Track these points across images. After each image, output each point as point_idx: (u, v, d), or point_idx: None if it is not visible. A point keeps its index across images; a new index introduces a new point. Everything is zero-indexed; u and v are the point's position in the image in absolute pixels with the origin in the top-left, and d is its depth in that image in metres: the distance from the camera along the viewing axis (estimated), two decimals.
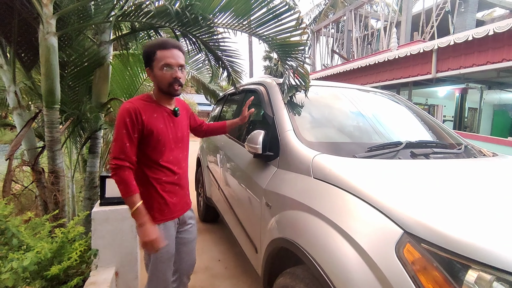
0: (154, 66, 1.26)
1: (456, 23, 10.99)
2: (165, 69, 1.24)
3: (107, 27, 2.52)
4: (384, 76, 8.18)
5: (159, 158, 1.31)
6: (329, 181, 1.19)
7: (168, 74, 1.25)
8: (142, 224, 1.22)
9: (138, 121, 1.23)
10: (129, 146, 1.22)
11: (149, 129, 1.25)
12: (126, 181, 1.20)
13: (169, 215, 1.35)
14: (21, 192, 2.49)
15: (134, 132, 1.23)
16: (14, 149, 2.28)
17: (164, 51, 1.24)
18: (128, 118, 1.21)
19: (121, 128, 1.21)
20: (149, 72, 1.30)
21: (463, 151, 1.68)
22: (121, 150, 1.21)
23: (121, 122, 1.22)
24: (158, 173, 1.32)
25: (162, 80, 1.26)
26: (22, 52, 2.46)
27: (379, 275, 0.85)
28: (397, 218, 0.89)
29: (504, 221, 0.85)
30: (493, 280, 0.69)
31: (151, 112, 1.28)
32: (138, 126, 1.23)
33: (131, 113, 1.22)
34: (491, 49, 5.60)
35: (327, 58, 17.12)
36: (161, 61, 1.24)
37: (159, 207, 1.32)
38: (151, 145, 1.28)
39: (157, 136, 1.28)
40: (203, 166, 3.37)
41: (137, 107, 1.24)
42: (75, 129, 2.73)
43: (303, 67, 2.15)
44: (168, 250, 1.36)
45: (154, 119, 1.28)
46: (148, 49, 1.27)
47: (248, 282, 2.29)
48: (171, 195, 1.36)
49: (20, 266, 1.26)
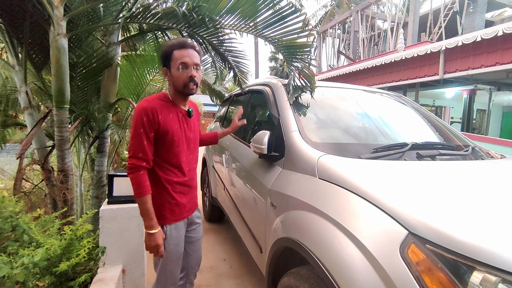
0: (172, 66, 1.28)
1: (464, 23, 10.86)
2: (180, 68, 1.26)
3: (115, 28, 2.56)
4: (391, 77, 8.12)
5: (172, 158, 1.32)
6: (334, 181, 1.20)
7: (184, 74, 1.27)
8: (148, 227, 1.25)
9: (155, 120, 1.24)
10: (146, 145, 1.24)
11: (165, 129, 1.27)
12: (139, 182, 1.22)
13: (179, 215, 1.37)
14: (31, 190, 2.54)
15: (151, 131, 1.24)
16: (25, 148, 2.33)
17: (181, 50, 1.27)
18: (146, 117, 1.23)
19: (138, 127, 1.23)
20: (166, 71, 1.32)
21: (470, 153, 1.66)
22: (139, 149, 1.23)
23: (138, 121, 1.23)
24: (170, 174, 1.33)
25: (178, 80, 1.28)
26: (34, 53, 2.51)
27: (383, 275, 0.85)
28: (402, 219, 0.89)
29: (509, 223, 0.85)
30: (498, 281, 0.69)
31: (167, 112, 1.29)
32: (154, 126, 1.25)
33: (149, 112, 1.23)
34: (500, 50, 5.52)
35: (333, 59, 17.05)
36: (178, 60, 1.26)
37: (170, 208, 1.34)
38: (165, 145, 1.30)
39: (172, 137, 1.29)
40: (208, 166, 3.40)
41: (155, 106, 1.26)
42: (84, 128, 2.77)
43: (309, 69, 2.15)
44: (178, 250, 1.39)
45: (170, 119, 1.29)
46: (166, 49, 1.29)
47: (252, 281, 2.30)
48: (181, 195, 1.37)
49: (31, 261, 1.29)
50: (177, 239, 1.37)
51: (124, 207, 1.79)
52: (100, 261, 1.75)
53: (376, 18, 14.61)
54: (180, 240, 1.39)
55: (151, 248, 1.27)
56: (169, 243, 1.34)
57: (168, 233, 1.34)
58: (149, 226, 1.24)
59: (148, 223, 1.24)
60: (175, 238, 1.36)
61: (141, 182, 1.22)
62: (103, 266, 1.75)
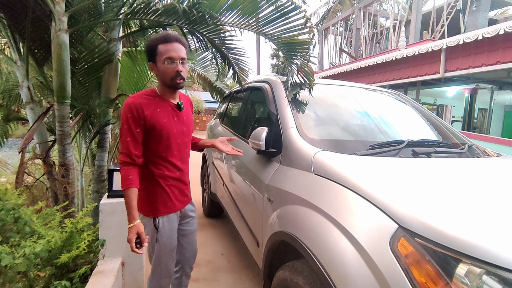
0: (157, 60, 1.27)
1: (467, 22, 10.78)
2: (166, 62, 1.25)
3: (116, 24, 2.58)
4: (392, 75, 8.10)
5: (163, 152, 1.34)
6: (329, 177, 1.22)
7: (170, 68, 1.26)
8: (129, 220, 1.25)
9: (140, 116, 1.25)
10: (130, 141, 1.25)
11: (152, 124, 1.28)
12: (123, 175, 1.25)
13: (172, 208, 1.40)
14: (33, 184, 2.58)
15: (136, 127, 1.25)
16: (27, 142, 2.37)
17: (166, 44, 1.25)
18: (130, 114, 1.24)
19: (123, 123, 1.26)
20: (153, 66, 1.31)
21: (466, 151, 1.68)
22: (124, 145, 1.26)
23: (123, 117, 1.26)
24: (162, 168, 1.35)
25: (165, 74, 1.28)
26: (35, 48, 2.54)
27: (374, 268, 0.88)
28: (393, 214, 0.91)
29: (496, 218, 0.87)
30: (482, 273, 0.71)
31: (154, 107, 1.30)
32: (140, 121, 1.26)
33: (132, 108, 1.25)
34: (502, 49, 5.50)
35: (335, 56, 17.00)
36: (163, 54, 1.25)
37: (162, 201, 1.36)
38: (155, 139, 1.31)
39: (160, 131, 1.30)
40: (208, 162, 3.42)
41: (139, 102, 1.27)
42: (85, 123, 2.80)
43: (308, 66, 2.17)
44: (171, 242, 1.41)
45: (157, 113, 1.30)
46: (150, 43, 1.28)
47: (250, 276, 2.33)
48: (174, 189, 1.39)
49: (33, 252, 1.33)
50: (170, 231, 1.39)
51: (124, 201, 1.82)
52: (100, 254, 1.79)
53: (379, 15, 14.54)
54: (173, 232, 1.41)
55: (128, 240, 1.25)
56: (162, 236, 1.36)
57: (161, 225, 1.36)
58: (128, 219, 1.25)
59: (129, 216, 1.25)
60: (167, 231, 1.38)
61: (125, 175, 1.25)
62: (103, 259, 1.78)
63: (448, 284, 0.74)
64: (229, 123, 3.08)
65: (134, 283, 1.91)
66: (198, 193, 4.13)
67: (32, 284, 1.45)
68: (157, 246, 1.37)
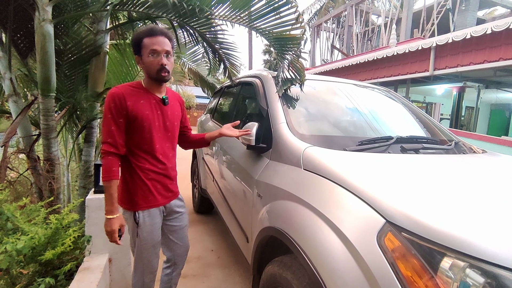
0: (143, 54, 1.28)
1: (456, 21, 10.97)
2: (150, 55, 1.27)
3: (104, 16, 2.51)
4: (382, 72, 8.18)
5: (144, 144, 1.33)
6: (318, 172, 1.22)
7: (155, 61, 1.27)
8: (107, 212, 1.26)
9: (122, 106, 1.26)
10: (115, 130, 1.26)
11: (133, 115, 1.28)
12: (106, 166, 1.25)
13: (153, 202, 1.37)
14: (16, 179, 2.51)
15: (119, 117, 1.26)
16: (10, 136, 2.29)
17: (151, 38, 1.27)
18: (113, 104, 1.26)
19: (107, 112, 1.26)
20: (138, 59, 1.32)
21: (453, 147, 1.71)
22: (108, 134, 1.26)
23: (106, 107, 1.26)
24: (142, 160, 1.34)
25: (150, 67, 1.29)
26: (18, 39, 2.44)
27: (361, 263, 0.88)
28: (380, 208, 0.92)
29: (480, 212, 0.88)
30: (466, 266, 0.72)
31: (137, 98, 1.31)
32: (122, 111, 1.26)
33: (115, 98, 1.26)
34: (489, 48, 5.61)
35: (327, 53, 17.05)
36: (148, 47, 1.27)
37: (143, 194, 1.35)
38: (137, 130, 1.31)
39: (142, 122, 1.30)
40: (198, 158, 3.39)
41: (122, 92, 1.28)
42: (71, 118, 2.73)
43: (299, 61, 2.16)
44: (153, 238, 1.39)
45: (140, 104, 1.30)
46: (136, 37, 1.29)
47: (239, 271, 2.34)
48: (155, 183, 1.38)
49: (14, 249, 1.29)
50: (151, 226, 1.37)
51: None
52: (86, 250, 1.75)
53: (371, 13, 14.62)
54: (154, 228, 1.39)
55: (107, 233, 1.27)
56: (143, 230, 1.35)
57: (141, 220, 1.34)
58: (108, 211, 1.26)
59: (108, 208, 1.26)
60: (148, 226, 1.36)
61: (108, 166, 1.25)
62: (89, 255, 1.75)
63: (433, 277, 0.75)
64: (219, 118, 3.05)
65: (122, 280, 1.88)
66: (188, 188, 4.11)
67: (15, 281, 1.41)
68: (137, 241, 1.36)
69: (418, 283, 0.76)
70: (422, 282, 0.76)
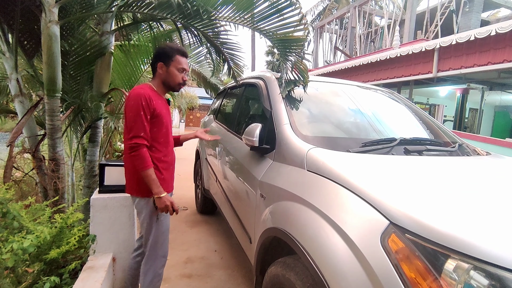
0: (171, 65, 1.53)
1: (460, 22, 10.92)
2: (179, 70, 1.55)
3: (109, 17, 2.53)
4: (386, 74, 8.17)
5: (161, 138, 1.54)
6: (321, 173, 1.22)
7: (180, 76, 1.57)
8: (157, 193, 1.44)
9: (150, 104, 1.45)
10: (147, 125, 1.45)
11: (158, 112, 1.49)
12: (144, 156, 1.41)
13: (167, 189, 1.57)
14: (21, 179, 2.53)
15: (148, 113, 1.45)
16: (15, 136, 2.31)
17: (183, 58, 1.56)
18: (144, 102, 1.43)
19: (139, 109, 1.42)
20: (162, 66, 1.54)
21: (457, 149, 1.70)
22: (141, 129, 1.42)
23: (138, 104, 1.42)
24: (158, 152, 1.53)
25: (174, 78, 1.56)
26: (24, 40, 2.47)
27: (365, 264, 0.88)
28: (384, 210, 0.92)
29: (484, 214, 0.88)
30: (470, 268, 0.72)
31: (157, 98, 1.52)
32: (151, 109, 1.46)
33: (146, 97, 1.44)
34: (493, 50, 5.58)
35: (330, 54, 17.04)
36: (180, 64, 1.54)
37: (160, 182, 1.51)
38: (158, 126, 1.52)
39: (162, 119, 1.53)
40: (201, 158, 3.40)
41: (149, 93, 1.47)
42: (76, 118, 2.75)
43: (302, 63, 2.16)
44: (167, 221, 1.60)
45: (159, 104, 1.53)
46: (170, 50, 1.54)
47: (242, 272, 2.34)
48: (166, 172, 1.59)
49: (20, 247, 1.30)
50: None
51: (115, 196, 1.80)
52: (90, 249, 1.77)
53: (374, 14, 14.60)
54: None
55: (163, 209, 1.46)
56: (161, 214, 1.52)
57: None
58: (158, 192, 1.44)
59: (157, 190, 1.44)
60: None
61: (145, 156, 1.42)
62: (94, 254, 1.76)
63: (437, 279, 0.75)
64: (223, 120, 3.07)
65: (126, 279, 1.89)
66: (191, 189, 4.12)
67: (20, 279, 1.42)
68: (156, 226, 1.53)
69: (422, 284, 0.76)
70: (426, 283, 0.76)
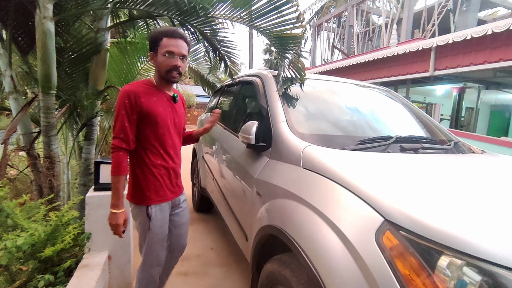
0: (158, 51, 1.32)
1: (457, 22, 10.96)
2: (166, 55, 1.31)
3: (104, 14, 2.51)
4: (383, 72, 8.19)
5: (156, 140, 1.37)
6: (317, 171, 1.22)
7: (168, 61, 1.32)
8: (112, 206, 1.30)
9: (137, 102, 1.30)
10: (128, 126, 1.30)
11: (148, 111, 1.32)
12: (117, 161, 1.29)
13: (164, 197, 1.42)
14: (16, 177, 2.51)
15: (133, 113, 1.30)
16: (10, 133, 2.29)
17: (170, 39, 1.31)
18: (127, 100, 1.29)
19: (121, 109, 1.29)
20: (153, 56, 1.36)
21: (452, 147, 1.71)
22: (120, 130, 1.29)
23: (121, 103, 1.30)
24: (155, 156, 1.38)
25: (162, 66, 1.33)
26: (19, 36, 2.44)
27: (359, 261, 0.89)
28: (379, 207, 0.92)
29: (478, 211, 0.89)
30: (463, 265, 0.72)
31: (150, 96, 1.35)
32: (136, 108, 1.30)
33: (130, 95, 1.30)
34: (489, 49, 5.61)
35: (328, 53, 17.05)
36: (165, 47, 1.31)
37: (155, 189, 1.39)
38: (151, 126, 1.35)
39: (155, 118, 1.35)
40: (198, 156, 3.40)
41: (136, 90, 1.32)
42: (71, 115, 2.73)
43: (299, 61, 2.16)
44: (162, 231, 1.44)
45: (153, 102, 1.35)
46: (155, 34, 1.34)
47: (239, 269, 2.34)
48: (166, 178, 1.43)
49: (14, 245, 1.29)
50: (161, 220, 1.41)
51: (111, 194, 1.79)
52: (85, 247, 1.76)
53: (371, 13, 14.61)
54: (164, 222, 1.43)
55: (112, 226, 1.31)
56: (155, 224, 1.38)
57: (153, 214, 1.37)
58: (114, 205, 1.30)
59: (115, 202, 1.30)
60: (159, 220, 1.40)
61: (118, 161, 1.29)
62: (89, 252, 1.75)
63: (431, 275, 0.75)
64: (219, 117, 3.05)
65: (121, 277, 1.89)
66: (188, 187, 4.11)
67: (14, 278, 1.42)
68: (149, 235, 1.39)
69: (416, 281, 0.76)
70: (419, 280, 0.76)
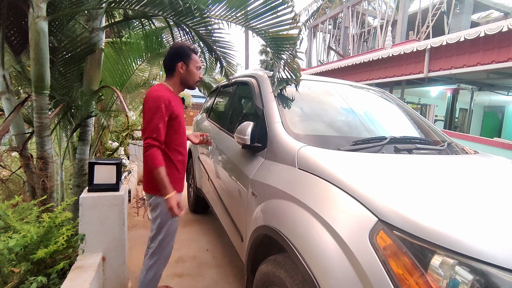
0: (190, 64, 1.58)
1: (451, 24, 11.09)
2: (197, 69, 1.62)
3: (99, 13, 2.49)
4: (378, 74, 8.24)
5: (178, 139, 1.60)
6: (312, 171, 1.23)
7: (198, 74, 1.64)
8: (165, 193, 1.44)
9: (168, 107, 1.49)
10: (161, 127, 1.47)
11: (176, 114, 1.54)
12: (154, 155, 1.44)
13: (179, 189, 1.66)
14: (8, 178, 2.47)
15: (166, 116, 1.49)
16: (2, 134, 2.26)
17: (196, 56, 1.61)
18: (164, 104, 1.47)
19: (157, 111, 1.46)
20: (182, 65, 1.57)
21: (446, 148, 1.73)
22: (154, 130, 1.45)
23: (157, 106, 1.46)
24: (176, 153, 1.60)
25: (193, 76, 1.61)
26: (11, 35, 2.41)
27: (353, 261, 0.89)
28: (373, 207, 0.93)
29: (470, 211, 0.90)
30: (455, 264, 0.73)
31: (175, 100, 1.57)
32: (169, 111, 1.50)
33: (166, 100, 1.48)
34: (482, 51, 5.69)
35: (323, 54, 17.12)
36: (197, 63, 1.61)
37: (176, 181, 1.61)
38: (175, 127, 1.56)
39: (179, 120, 1.59)
40: (194, 157, 3.39)
41: (168, 95, 1.51)
42: (65, 115, 2.70)
43: (295, 61, 2.16)
44: (176, 224, 1.66)
45: (178, 105, 1.58)
46: (187, 49, 1.58)
47: (234, 271, 2.34)
48: (182, 172, 1.67)
49: (6, 247, 1.27)
50: None
51: (105, 195, 1.78)
52: (79, 249, 1.74)
53: (367, 14, 14.70)
54: None
55: (169, 209, 1.46)
56: None
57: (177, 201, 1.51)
58: (166, 192, 1.45)
59: (165, 189, 1.45)
60: None
61: (155, 155, 1.44)
62: (83, 254, 1.73)
63: (423, 275, 0.76)
64: (215, 118, 3.05)
65: (116, 278, 1.87)
66: (184, 188, 4.09)
67: (6, 280, 1.39)
68: (166, 229, 1.58)
69: (409, 280, 0.77)
70: (413, 279, 0.77)
